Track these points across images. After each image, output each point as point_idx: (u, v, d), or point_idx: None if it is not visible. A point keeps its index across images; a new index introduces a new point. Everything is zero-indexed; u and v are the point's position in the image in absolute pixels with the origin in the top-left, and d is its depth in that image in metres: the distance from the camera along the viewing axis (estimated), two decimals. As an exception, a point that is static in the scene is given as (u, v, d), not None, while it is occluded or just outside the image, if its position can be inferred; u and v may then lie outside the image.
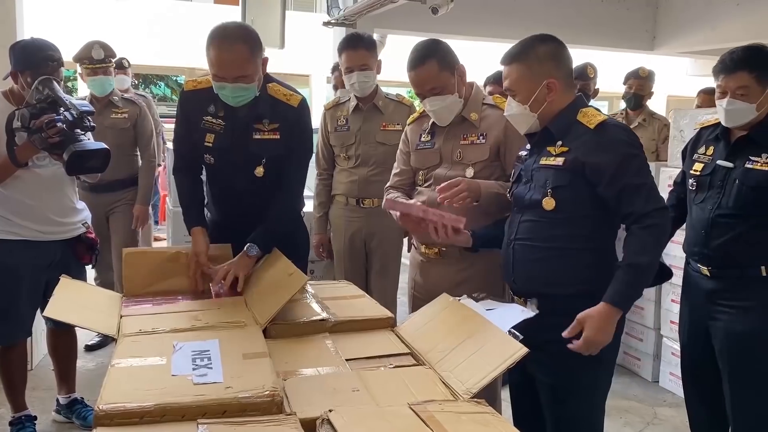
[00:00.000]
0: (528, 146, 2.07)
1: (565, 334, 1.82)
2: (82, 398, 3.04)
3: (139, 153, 3.89)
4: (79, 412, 2.97)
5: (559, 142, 1.93)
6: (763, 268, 2.25)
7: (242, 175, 2.31)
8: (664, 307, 3.72)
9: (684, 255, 2.49)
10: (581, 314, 1.81)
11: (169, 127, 8.21)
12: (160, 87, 23.67)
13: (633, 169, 1.85)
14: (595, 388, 2.00)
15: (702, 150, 2.39)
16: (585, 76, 4.24)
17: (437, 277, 2.36)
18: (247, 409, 1.41)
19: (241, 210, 2.39)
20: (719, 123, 2.34)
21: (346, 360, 1.76)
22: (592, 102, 3.82)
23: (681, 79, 11.10)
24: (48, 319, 2.83)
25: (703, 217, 2.31)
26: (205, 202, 2.59)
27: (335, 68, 3.54)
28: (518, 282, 2.03)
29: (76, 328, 2.94)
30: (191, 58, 15.17)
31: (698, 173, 2.35)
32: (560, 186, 1.89)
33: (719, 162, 2.29)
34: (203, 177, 2.50)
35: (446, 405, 1.49)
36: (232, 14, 13.59)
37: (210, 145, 2.30)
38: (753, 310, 2.26)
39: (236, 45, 2.11)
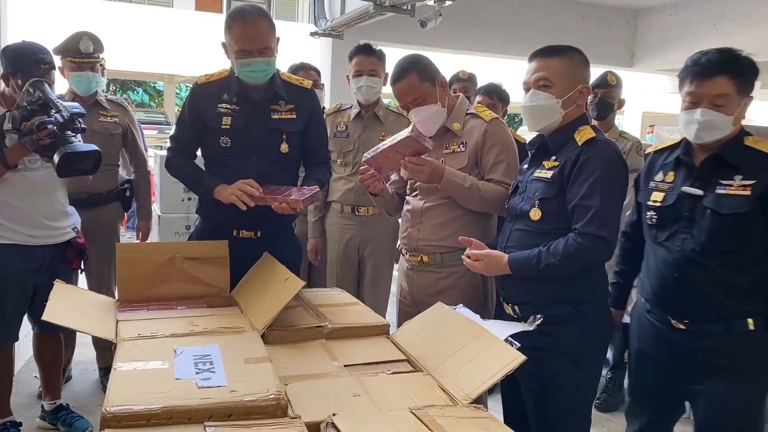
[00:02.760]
0: (528, 159, 2.14)
1: (468, 253, 2.05)
2: (68, 404, 3.01)
3: (128, 162, 3.57)
4: (65, 418, 2.94)
5: (553, 157, 2.00)
6: (750, 320, 1.88)
7: (263, 153, 2.40)
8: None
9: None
10: (487, 252, 2.03)
11: (148, 133, 8.09)
12: (137, 93, 23.50)
13: (594, 190, 1.89)
14: (577, 395, 2.05)
15: (659, 177, 2.03)
16: (606, 83, 3.66)
17: (420, 285, 2.44)
18: (253, 413, 1.43)
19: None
20: (677, 144, 2.03)
21: (344, 366, 1.79)
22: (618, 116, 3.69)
23: (657, 96, 11.36)
24: (34, 324, 2.82)
25: (670, 258, 1.94)
26: (196, 208, 2.61)
27: (299, 68, 3.45)
28: (506, 289, 2.10)
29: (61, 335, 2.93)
30: (171, 64, 15.18)
31: (658, 204, 1.98)
32: (546, 198, 1.97)
33: (684, 189, 1.92)
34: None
35: (446, 410, 1.52)
36: (214, 21, 13.56)
37: (228, 127, 2.38)
38: (742, 375, 1.89)
39: (259, 19, 2.29)
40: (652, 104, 13.95)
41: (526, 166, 2.15)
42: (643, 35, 7.06)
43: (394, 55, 3.33)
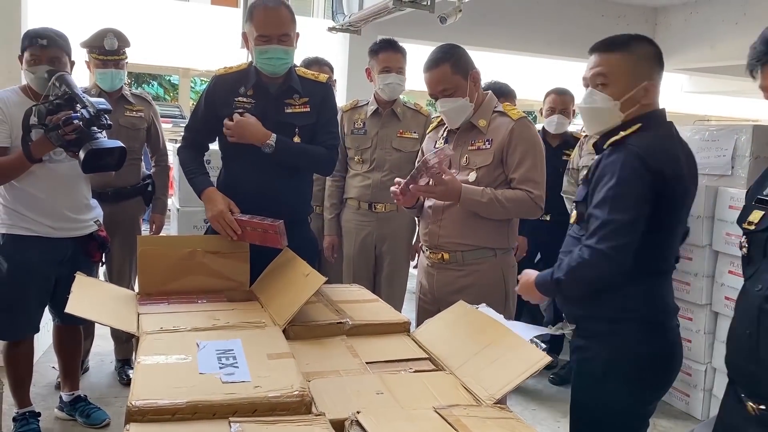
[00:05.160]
0: (596, 157, 1.90)
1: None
2: (86, 396, 3.03)
3: (149, 156, 3.63)
4: (83, 409, 2.96)
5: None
6: None
7: None
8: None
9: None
10: (524, 279, 1.96)
11: (164, 126, 8.16)
12: (152, 86, 23.61)
13: (605, 199, 1.72)
14: (601, 417, 1.86)
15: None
16: None
17: (440, 283, 2.43)
18: (277, 409, 1.42)
19: (264, 190, 2.40)
20: None
21: (366, 363, 1.78)
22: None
23: (676, 95, 11.26)
24: (55, 316, 2.83)
25: (747, 305, 1.49)
26: None
27: (312, 62, 3.41)
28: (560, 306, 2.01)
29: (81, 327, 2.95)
30: (186, 58, 15.22)
31: (752, 228, 1.50)
32: (581, 201, 1.87)
33: None
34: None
35: (471, 410, 1.51)
36: (230, 15, 13.56)
37: None
38: None
39: (280, 7, 2.35)
40: (670, 104, 13.84)
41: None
42: (663, 33, 6.98)
43: (412, 52, 3.33)
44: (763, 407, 1.42)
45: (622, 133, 1.78)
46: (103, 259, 2.82)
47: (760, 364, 1.41)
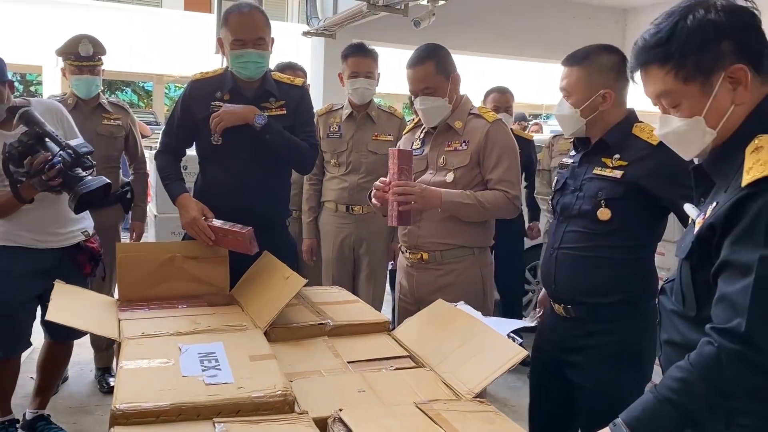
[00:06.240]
0: (573, 154, 2.09)
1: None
2: (49, 415, 2.93)
3: (128, 163, 3.61)
4: (41, 429, 2.86)
5: (617, 156, 1.92)
6: None
7: (254, 151, 2.42)
8: None
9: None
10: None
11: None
12: (126, 93, 23.35)
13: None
14: (632, 392, 1.87)
15: None
16: None
17: (420, 282, 2.46)
18: (261, 409, 1.44)
19: (243, 194, 2.42)
20: None
21: (348, 362, 1.81)
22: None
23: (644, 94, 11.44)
24: (47, 332, 2.78)
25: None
26: None
27: (287, 66, 3.42)
28: (560, 289, 2.02)
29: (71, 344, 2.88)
30: (160, 64, 15.11)
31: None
32: (614, 198, 1.89)
33: None
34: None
35: (451, 404, 1.54)
36: (203, 21, 13.48)
37: None
38: None
39: (254, 11, 2.40)
40: (640, 103, 14.06)
41: (570, 161, 2.08)
42: (633, 34, 7.12)
43: (386, 55, 3.37)
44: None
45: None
46: (95, 272, 2.74)
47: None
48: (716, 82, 1.24)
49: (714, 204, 1.25)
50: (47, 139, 2.33)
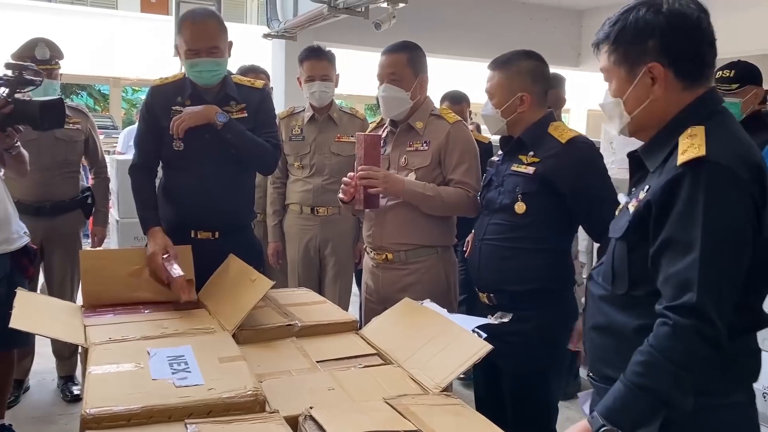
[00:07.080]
0: (500, 153, 2.23)
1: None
2: (10, 425, 2.85)
3: (88, 168, 3.57)
4: None
5: (531, 152, 2.08)
6: None
7: (217, 155, 2.41)
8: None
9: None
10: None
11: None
12: (81, 97, 22.82)
13: (597, 184, 2.02)
14: (552, 374, 2.15)
15: None
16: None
17: (385, 282, 2.50)
18: (232, 409, 1.46)
19: (207, 198, 2.42)
20: None
21: (317, 362, 1.83)
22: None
23: (601, 95, 11.69)
24: None
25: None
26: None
27: (249, 69, 3.42)
28: (483, 279, 2.18)
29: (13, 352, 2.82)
30: (116, 67, 14.85)
31: None
32: (528, 192, 2.06)
33: None
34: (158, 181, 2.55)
35: (419, 398, 1.58)
36: (160, 23, 13.30)
37: None
38: None
39: (208, 20, 2.38)
40: (596, 103, 14.36)
41: (497, 159, 2.24)
42: (589, 35, 7.26)
43: (348, 57, 3.40)
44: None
45: (570, 132, 2.10)
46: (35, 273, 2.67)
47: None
48: (638, 73, 1.38)
49: (647, 187, 1.35)
50: None
